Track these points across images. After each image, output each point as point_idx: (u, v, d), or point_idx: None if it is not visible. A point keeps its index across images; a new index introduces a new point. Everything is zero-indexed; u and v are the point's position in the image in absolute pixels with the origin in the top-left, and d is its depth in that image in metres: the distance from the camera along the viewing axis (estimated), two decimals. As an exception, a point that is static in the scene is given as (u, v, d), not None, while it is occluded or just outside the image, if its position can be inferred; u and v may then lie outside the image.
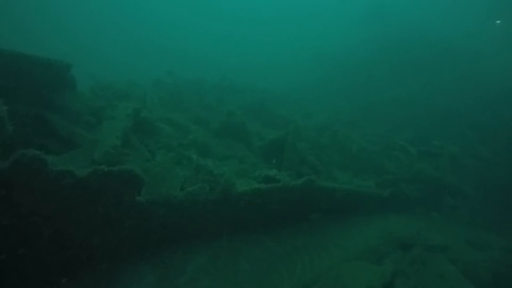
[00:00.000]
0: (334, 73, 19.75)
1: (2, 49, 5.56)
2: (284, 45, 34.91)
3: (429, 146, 10.73)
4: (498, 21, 24.40)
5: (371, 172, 9.09)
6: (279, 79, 21.09)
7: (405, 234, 7.34)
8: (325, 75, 19.99)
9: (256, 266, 5.84)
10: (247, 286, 5.31)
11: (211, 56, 28.95)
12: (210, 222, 5.73)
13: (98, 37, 38.83)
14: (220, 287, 5.16)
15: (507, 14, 23.99)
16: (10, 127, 4.04)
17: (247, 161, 7.57)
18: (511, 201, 10.18)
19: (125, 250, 4.79)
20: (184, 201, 5.15)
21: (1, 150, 3.80)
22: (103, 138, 5.19)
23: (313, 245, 6.60)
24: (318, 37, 31.20)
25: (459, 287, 6.85)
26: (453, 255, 7.72)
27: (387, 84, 17.02)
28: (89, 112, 6.31)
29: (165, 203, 4.94)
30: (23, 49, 5.85)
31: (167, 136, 6.64)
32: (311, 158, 7.88)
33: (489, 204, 10.06)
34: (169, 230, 5.31)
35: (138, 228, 4.81)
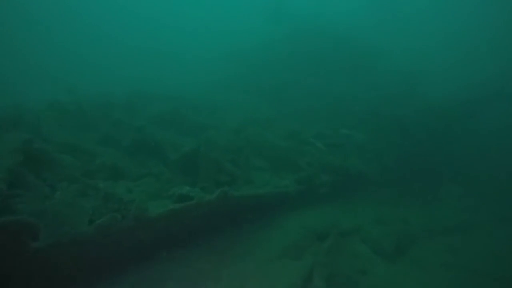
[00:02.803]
0: (247, 72, 20.05)
1: None
2: (194, 44, 34.21)
3: (338, 135, 11.70)
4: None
5: (288, 169, 9.57)
6: (191, 81, 20.72)
7: (322, 225, 7.93)
8: (238, 74, 20.18)
9: (182, 285, 5.81)
10: (173, 309, 5.26)
11: (116, 69, 26.42)
12: (127, 250, 5.51)
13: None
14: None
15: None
16: None
17: (163, 178, 7.41)
18: (407, 177, 11.69)
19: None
20: (94, 235, 4.87)
21: None
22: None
23: (237, 251, 6.77)
24: (228, 35, 31.46)
25: (369, 262, 7.71)
26: (364, 234, 8.62)
27: (300, 80, 17.84)
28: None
29: (72, 242, 4.62)
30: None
31: (68, 165, 6.15)
32: (227, 165, 8.01)
33: (391, 182, 11.39)
34: (84, 270, 4.98)
35: (46, 278, 4.43)
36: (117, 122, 10.06)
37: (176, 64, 27.21)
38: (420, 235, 9.39)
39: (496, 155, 14.20)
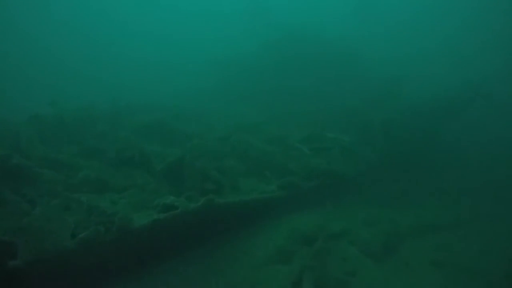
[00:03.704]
0: (234, 79, 20.12)
1: None
2: (180, 52, 34.11)
3: (323, 139, 11.77)
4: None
5: (274, 175, 9.59)
6: (178, 89, 20.66)
7: (309, 229, 7.93)
8: (225, 81, 20.25)
9: (170, 296, 5.74)
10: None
11: (101, 76, 26.00)
12: (113, 263, 5.43)
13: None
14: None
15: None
16: None
17: (148, 188, 7.35)
18: (393, 177, 11.82)
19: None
20: (77, 250, 4.79)
21: None
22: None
23: (225, 258, 6.74)
24: (215, 42, 31.56)
25: (358, 264, 7.72)
26: (352, 236, 8.63)
27: (287, 85, 17.99)
28: None
29: (54, 258, 4.53)
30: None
31: (49, 180, 6.05)
32: (213, 173, 7.99)
33: (378, 183, 11.49)
34: (69, 283, 4.88)
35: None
36: (101, 134, 9.99)
37: (162, 73, 27.12)
38: (409, 234, 9.45)
39: (483, 155, 14.53)
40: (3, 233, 3.88)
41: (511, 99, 17.89)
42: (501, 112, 17.21)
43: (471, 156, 14.34)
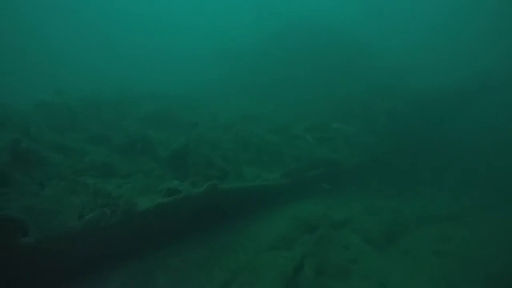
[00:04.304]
0: (239, 69, 20.13)
1: None
2: (185, 42, 34.12)
3: (328, 129, 11.78)
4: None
5: (278, 163, 9.66)
6: (183, 79, 20.73)
7: (312, 217, 8.02)
8: (230, 71, 20.26)
9: (173, 278, 5.88)
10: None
11: (107, 66, 26.01)
12: (118, 245, 5.58)
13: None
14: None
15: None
16: None
17: (153, 174, 7.46)
18: (398, 168, 11.83)
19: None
20: (84, 231, 4.93)
21: None
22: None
23: (228, 243, 6.86)
24: (219, 32, 31.45)
25: (360, 252, 7.80)
26: (355, 225, 8.70)
27: (292, 75, 17.95)
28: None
29: (62, 237, 4.67)
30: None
31: (57, 164, 6.19)
32: (217, 160, 8.07)
33: (382, 173, 11.52)
34: (74, 265, 5.04)
35: (36, 272, 4.48)
36: (107, 121, 10.11)
37: (168, 62, 27.19)
38: (411, 224, 9.51)
39: (486, 145, 14.42)
40: (15, 212, 4.01)
41: None
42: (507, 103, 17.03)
43: (477, 147, 14.27)
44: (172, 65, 25.80)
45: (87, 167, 6.87)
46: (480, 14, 32.44)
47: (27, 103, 9.28)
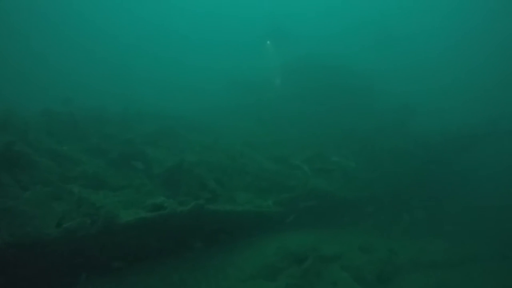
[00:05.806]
0: (247, 99, 20.50)
1: None
2: (197, 69, 35.20)
3: (327, 161, 11.67)
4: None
5: (272, 191, 9.50)
6: (193, 105, 21.16)
7: (301, 249, 7.75)
8: (239, 101, 20.64)
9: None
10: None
11: (114, 87, 26.86)
12: (94, 258, 5.43)
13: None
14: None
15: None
16: None
17: (143, 190, 7.38)
18: (397, 208, 11.53)
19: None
20: (59, 239, 4.83)
21: None
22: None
23: (211, 268, 6.63)
24: (230, 60, 32.41)
25: (348, 290, 7.44)
26: (346, 262, 8.36)
27: (297, 110, 18.17)
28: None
29: (34, 244, 4.57)
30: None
31: (47, 170, 6.19)
32: (211, 183, 7.97)
33: (379, 211, 11.21)
34: (43, 273, 4.90)
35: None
36: (109, 135, 10.19)
37: (178, 88, 27.95)
38: (406, 266, 9.11)
39: (491, 188, 14.17)
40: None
41: None
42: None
43: (481, 192, 13.96)
44: (183, 91, 26.55)
45: (78, 175, 6.85)
46: (501, 60, 32.78)
47: (32, 111, 9.49)
